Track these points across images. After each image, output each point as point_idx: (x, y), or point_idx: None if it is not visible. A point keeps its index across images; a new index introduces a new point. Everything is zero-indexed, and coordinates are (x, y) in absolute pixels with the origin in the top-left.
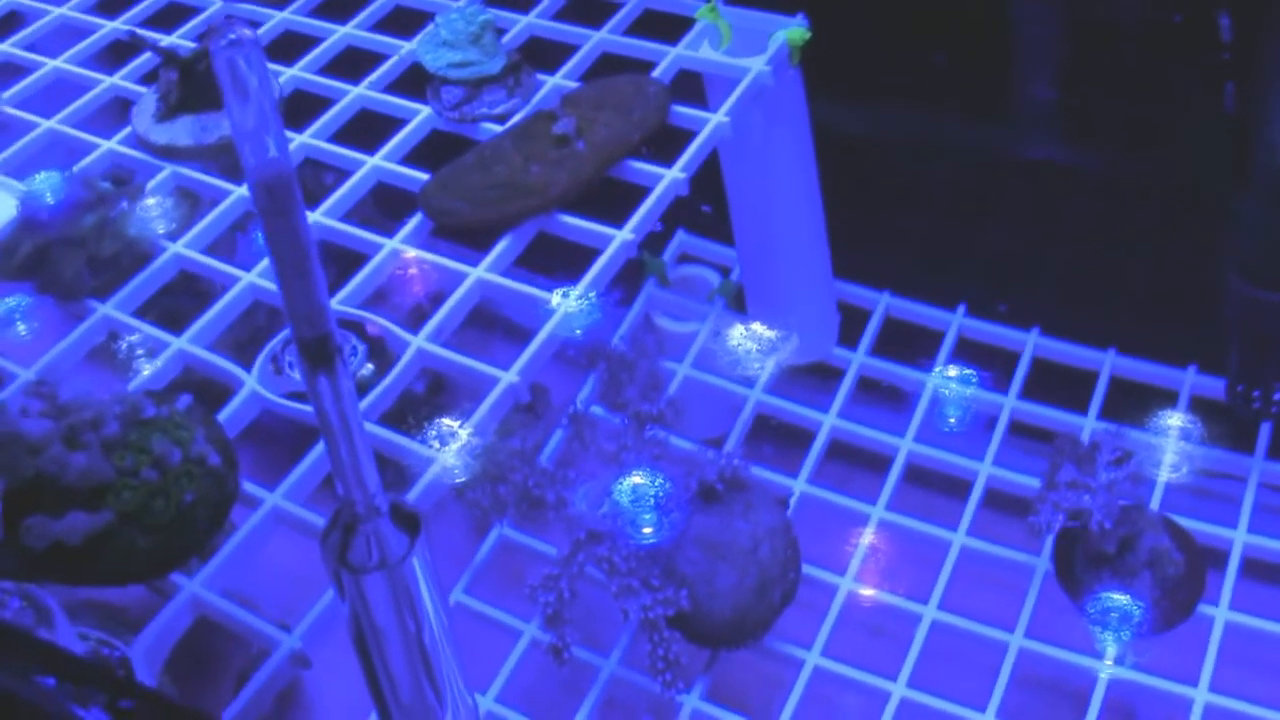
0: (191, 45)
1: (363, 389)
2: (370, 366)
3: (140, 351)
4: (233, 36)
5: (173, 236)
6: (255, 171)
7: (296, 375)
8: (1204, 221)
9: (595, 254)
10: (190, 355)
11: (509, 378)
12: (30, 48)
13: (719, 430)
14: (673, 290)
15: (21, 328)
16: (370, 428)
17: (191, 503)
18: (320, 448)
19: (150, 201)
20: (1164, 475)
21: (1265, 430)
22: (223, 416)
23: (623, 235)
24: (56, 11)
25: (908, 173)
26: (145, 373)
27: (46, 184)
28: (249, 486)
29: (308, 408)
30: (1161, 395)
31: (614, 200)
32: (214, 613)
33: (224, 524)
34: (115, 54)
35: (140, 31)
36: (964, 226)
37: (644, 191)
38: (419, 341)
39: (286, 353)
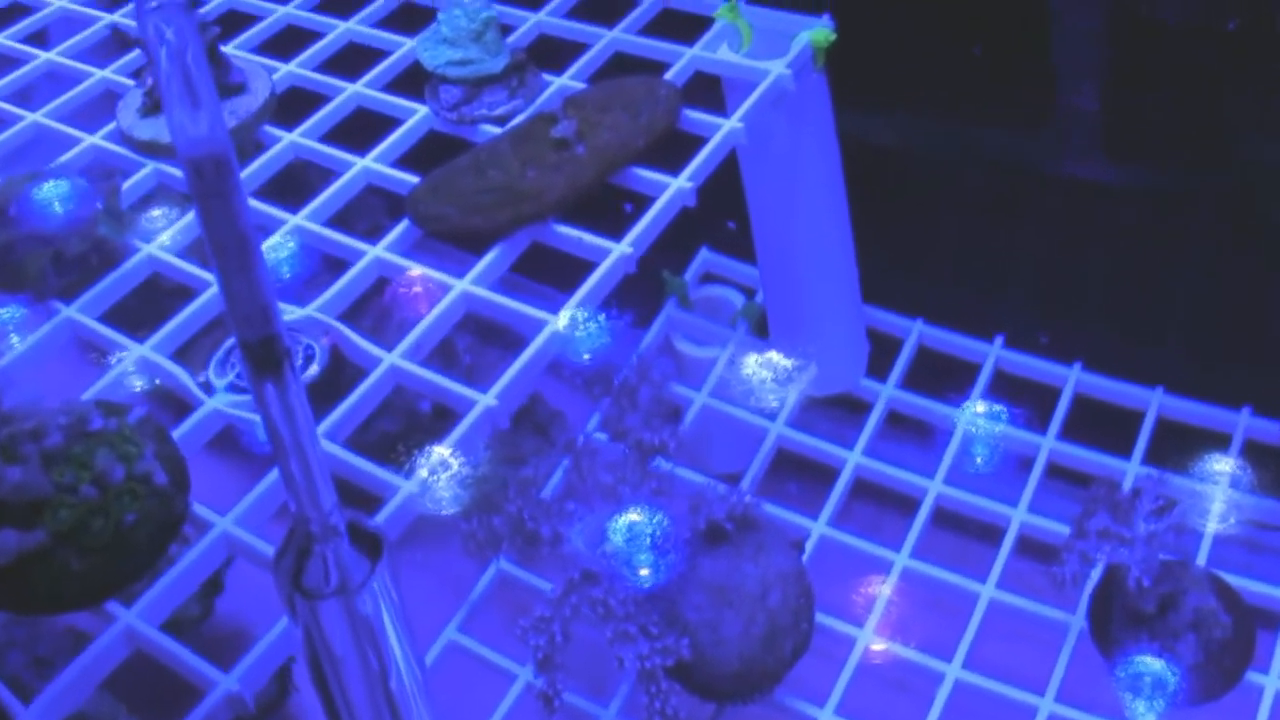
0: None
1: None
2: (315, 368)
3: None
4: (154, 2)
5: (148, 236)
6: (185, 148)
7: (219, 383)
8: (1263, 246)
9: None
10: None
11: (486, 400)
12: (29, 39)
13: (741, 464)
14: (695, 312)
15: None
16: (336, 451)
17: (133, 524)
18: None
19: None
20: (1212, 527)
21: None
22: (183, 430)
23: (620, 249)
24: (58, 3)
25: (943, 189)
26: (103, 381)
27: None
28: (200, 509)
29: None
30: (1212, 438)
31: (613, 210)
32: (150, 647)
33: (168, 548)
34: (116, 47)
35: (126, 23)
36: (1003, 248)
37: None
38: (392, 358)
39: (232, 357)
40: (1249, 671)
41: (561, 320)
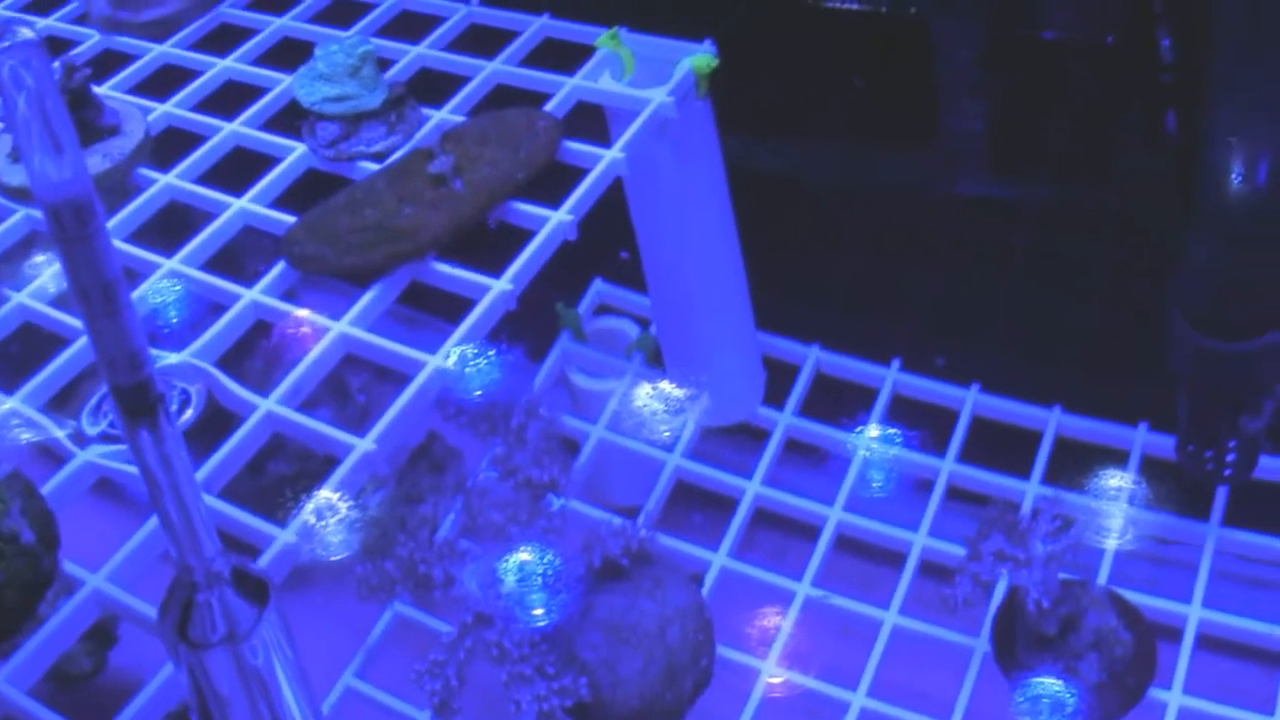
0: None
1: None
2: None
3: None
4: (6, 42)
5: (19, 285)
6: (44, 194)
7: (92, 431)
8: (1152, 261)
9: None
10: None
11: (364, 445)
12: None
13: (641, 497)
14: (589, 344)
15: None
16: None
17: None
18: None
19: None
20: (1112, 544)
21: (1222, 494)
22: (53, 484)
23: (500, 285)
24: None
25: (835, 213)
26: None
27: None
28: (72, 567)
29: None
30: (1111, 455)
31: (502, 244)
32: (19, 713)
33: (36, 610)
34: None
35: None
36: (898, 270)
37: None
38: (268, 404)
39: (105, 405)
40: (1152, 688)
41: (441, 359)
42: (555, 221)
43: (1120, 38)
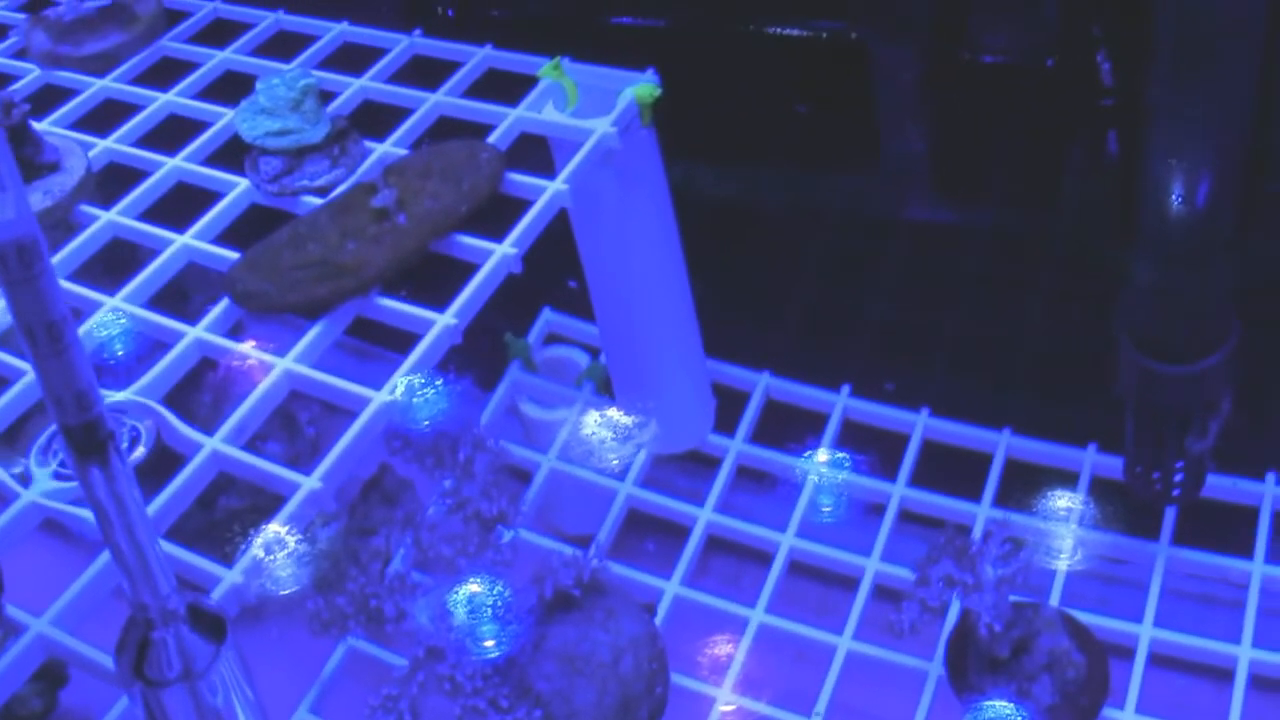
0: None
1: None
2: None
3: None
4: None
5: None
6: None
7: (40, 473)
8: (1097, 284)
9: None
10: None
11: (310, 484)
12: None
13: (593, 526)
14: (539, 374)
15: None
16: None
17: None
18: (102, 558)
19: None
20: (1063, 566)
21: (1170, 514)
22: None
23: (444, 320)
24: None
25: (782, 238)
26: None
27: None
28: (14, 611)
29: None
30: (1060, 476)
31: (445, 277)
32: None
33: None
34: None
35: None
36: (846, 295)
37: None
38: (213, 443)
39: (55, 444)
40: (1105, 708)
41: (387, 394)
42: (499, 255)
43: (1060, 61)
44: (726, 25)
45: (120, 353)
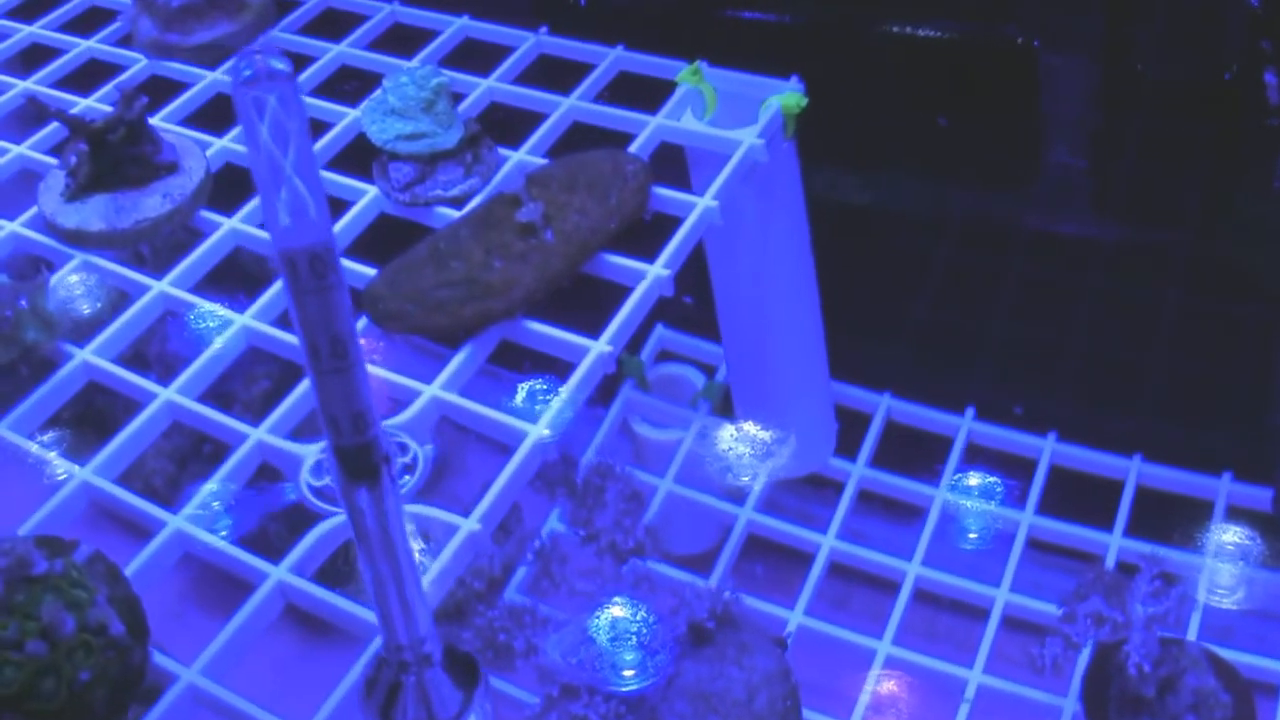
0: (106, 110)
1: None
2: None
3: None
4: (249, 72)
5: (81, 340)
6: (281, 241)
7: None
8: (1245, 307)
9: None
10: (95, 488)
11: (469, 525)
12: None
13: (702, 546)
14: (652, 393)
15: None
16: (302, 584)
17: (87, 682)
18: (250, 607)
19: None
20: (1202, 600)
21: None
22: (136, 565)
23: (599, 347)
24: None
25: (907, 252)
26: (42, 511)
27: None
28: (162, 660)
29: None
30: (1193, 506)
31: (583, 297)
32: None
33: (128, 708)
34: (32, 119)
35: (43, 92)
36: (972, 314)
37: (619, 290)
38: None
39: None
40: None
41: (544, 429)
42: (653, 276)
43: (1235, 78)
44: (872, 24)
45: None
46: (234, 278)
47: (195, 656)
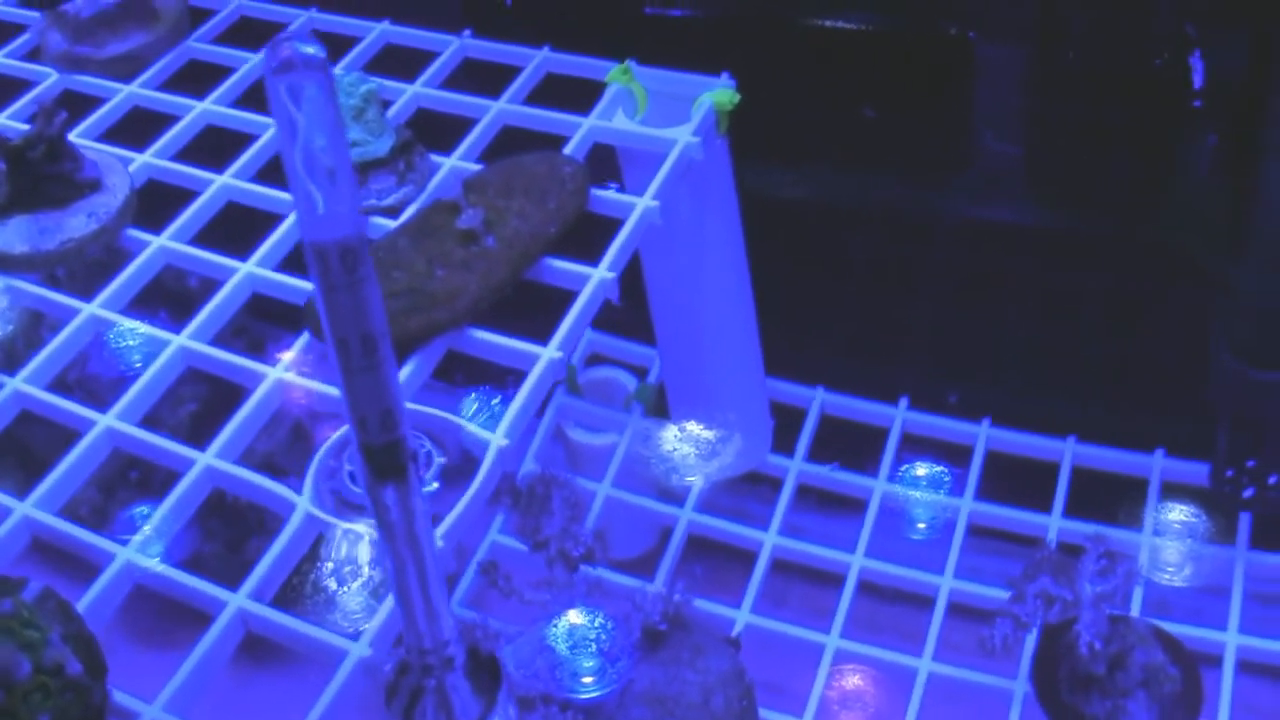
0: (19, 127)
1: None
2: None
3: None
4: (280, 59)
5: (9, 369)
6: (312, 233)
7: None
8: (1177, 289)
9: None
10: (37, 522)
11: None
12: None
13: (640, 549)
14: (584, 397)
15: None
16: (263, 611)
17: None
18: (210, 637)
19: None
20: (1172, 580)
21: (1246, 520)
22: (87, 600)
23: (549, 353)
24: None
25: (838, 245)
26: None
27: None
28: (122, 697)
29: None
30: (1128, 484)
31: (518, 304)
32: None
33: None
34: None
35: None
36: (904, 303)
37: (554, 293)
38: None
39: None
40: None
41: (503, 438)
42: (597, 279)
43: (1165, 63)
44: (802, 17)
45: None
46: (155, 297)
47: (156, 693)
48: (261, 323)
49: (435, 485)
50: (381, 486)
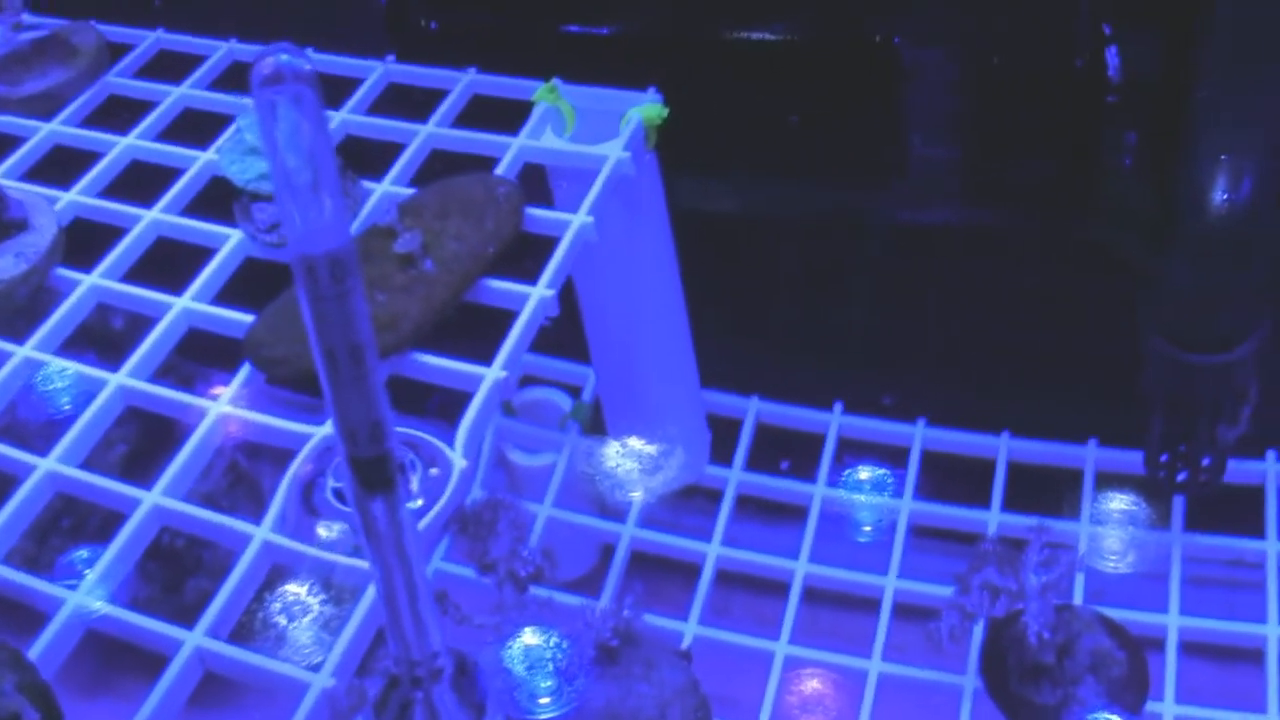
0: None
1: None
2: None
3: None
4: (268, 73)
5: None
6: (300, 245)
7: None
8: (1106, 282)
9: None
10: None
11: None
12: None
13: (583, 569)
14: (520, 419)
15: None
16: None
17: None
18: (168, 679)
19: None
20: (1117, 568)
21: (1180, 503)
22: (39, 647)
23: (493, 374)
24: None
25: (768, 254)
26: None
27: None
28: None
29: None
30: (1063, 475)
31: (454, 326)
32: None
33: None
34: None
35: None
36: (835, 309)
37: (493, 314)
38: (263, 533)
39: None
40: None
41: (461, 461)
42: (537, 298)
43: (1088, 62)
44: (726, 29)
45: None
46: (81, 338)
47: None
48: (188, 361)
49: (420, 502)
50: (370, 499)
